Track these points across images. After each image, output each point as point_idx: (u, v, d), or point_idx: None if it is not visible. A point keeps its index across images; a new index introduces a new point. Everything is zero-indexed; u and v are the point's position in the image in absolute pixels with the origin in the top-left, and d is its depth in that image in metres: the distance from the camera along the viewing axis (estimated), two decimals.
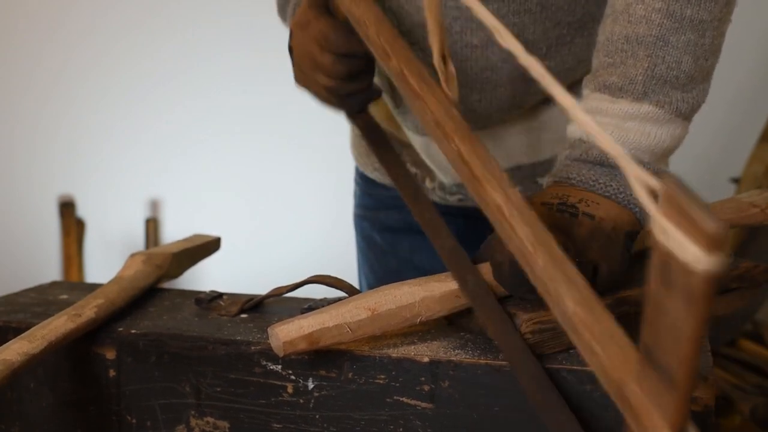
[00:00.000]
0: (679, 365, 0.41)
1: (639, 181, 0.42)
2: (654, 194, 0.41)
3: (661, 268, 0.39)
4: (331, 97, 0.91)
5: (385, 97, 1.03)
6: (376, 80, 1.06)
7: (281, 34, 1.00)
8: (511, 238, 0.62)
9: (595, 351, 0.51)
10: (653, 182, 0.41)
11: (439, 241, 0.78)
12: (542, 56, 0.93)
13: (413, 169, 1.08)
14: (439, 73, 0.73)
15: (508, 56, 0.92)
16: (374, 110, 1.12)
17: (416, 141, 1.03)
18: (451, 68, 0.73)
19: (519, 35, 0.91)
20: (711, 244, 0.35)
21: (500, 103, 0.95)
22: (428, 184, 1.07)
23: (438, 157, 1.02)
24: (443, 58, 0.72)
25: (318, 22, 0.86)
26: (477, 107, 0.96)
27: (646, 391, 0.45)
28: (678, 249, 0.36)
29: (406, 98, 0.75)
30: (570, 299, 0.55)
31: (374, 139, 0.93)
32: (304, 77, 0.92)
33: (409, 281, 0.73)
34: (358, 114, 0.94)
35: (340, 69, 0.87)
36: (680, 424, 0.43)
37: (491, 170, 0.65)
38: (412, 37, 0.93)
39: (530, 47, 0.92)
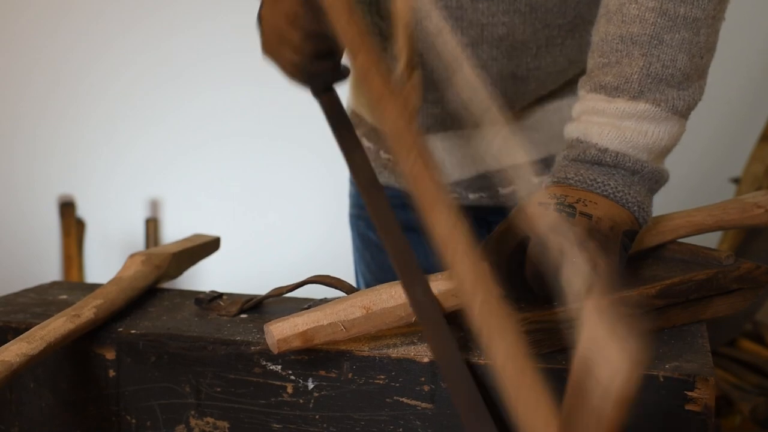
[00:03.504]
0: None
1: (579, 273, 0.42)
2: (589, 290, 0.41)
3: (581, 373, 0.40)
4: (297, 73, 0.89)
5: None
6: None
7: None
8: (452, 273, 0.59)
9: (517, 406, 0.50)
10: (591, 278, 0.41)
11: (391, 239, 0.76)
12: (532, 56, 0.93)
13: None
14: (402, 79, 0.71)
15: (497, 55, 0.93)
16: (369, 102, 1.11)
17: None
18: (417, 77, 0.71)
19: (509, 35, 0.91)
20: (631, 362, 0.36)
21: None
22: None
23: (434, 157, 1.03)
24: (411, 66, 0.70)
25: None
26: None
27: None
28: (598, 357, 0.38)
29: (369, 99, 0.72)
30: (500, 352, 0.53)
31: (337, 121, 0.91)
32: (271, 50, 0.91)
33: None
34: (323, 93, 0.92)
35: (307, 47, 0.85)
36: None
37: (442, 197, 0.61)
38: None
39: (520, 47, 0.92)
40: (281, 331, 0.69)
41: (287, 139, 2.59)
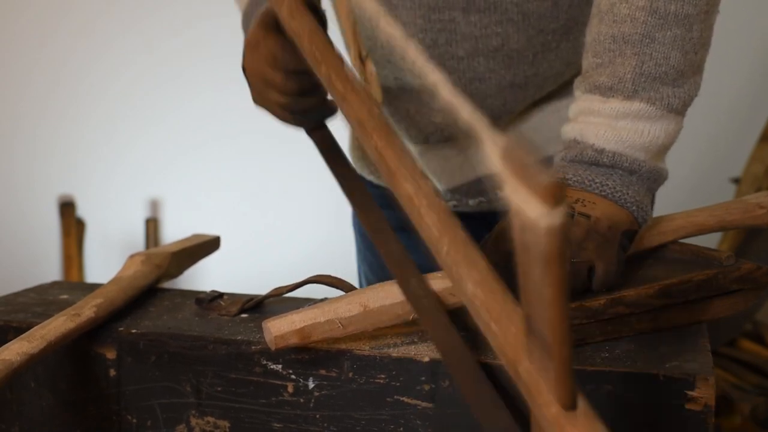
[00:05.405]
0: (550, 332, 0.40)
1: (491, 141, 0.40)
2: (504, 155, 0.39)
3: (520, 232, 0.38)
4: (287, 114, 0.91)
5: (382, 107, 1.04)
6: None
7: None
8: (420, 225, 0.62)
9: (493, 330, 0.51)
10: (502, 141, 0.40)
11: (385, 247, 0.78)
12: (529, 64, 0.93)
13: None
14: (358, 73, 0.73)
15: (494, 66, 0.93)
16: None
17: (411, 149, 1.04)
18: (371, 67, 0.73)
19: (504, 45, 0.91)
20: (547, 196, 0.34)
21: (492, 111, 0.96)
22: None
23: (433, 165, 1.03)
24: (360, 59, 0.72)
25: (267, 41, 0.87)
26: None
27: (536, 367, 0.45)
28: (524, 207, 0.36)
29: (335, 101, 0.76)
30: (470, 281, 0.54)
31: (330, 156, 0.93)
32: (259, 97, 0.93)
33: None
34: (316, 130, 0.94)
35: (290, 85, 0.87)
36: (564, 395, 0.43)
37: (405, 163, 0.65)
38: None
39: (516, 56, 0.92)
40: (279, 327, 0.69)
41: (287, 138, 2.58)
